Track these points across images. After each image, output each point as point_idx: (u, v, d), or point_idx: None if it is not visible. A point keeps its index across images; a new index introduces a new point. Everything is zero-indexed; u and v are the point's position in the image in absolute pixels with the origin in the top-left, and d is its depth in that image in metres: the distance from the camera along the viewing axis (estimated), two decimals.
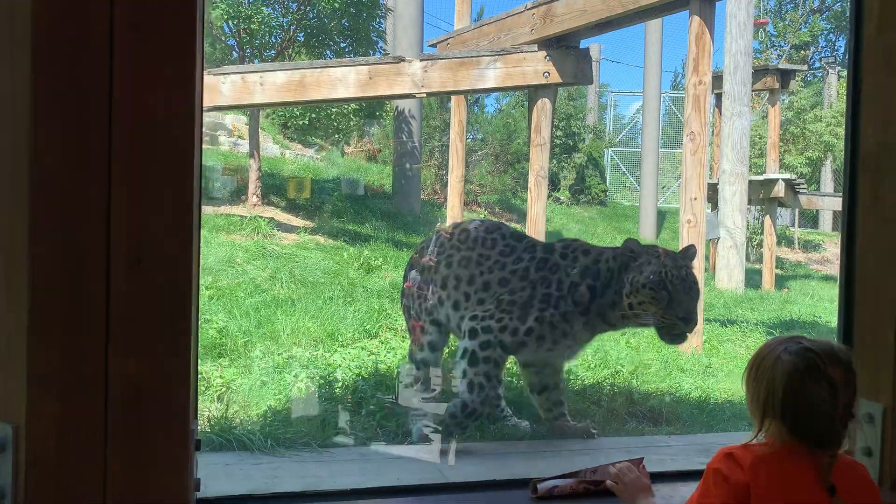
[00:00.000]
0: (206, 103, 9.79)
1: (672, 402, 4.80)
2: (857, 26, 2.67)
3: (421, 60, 9.40)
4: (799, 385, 1.64)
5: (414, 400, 4.14)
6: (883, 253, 2.63)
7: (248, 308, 6.39)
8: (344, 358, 5.20)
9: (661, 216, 17.95)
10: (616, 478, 2.26)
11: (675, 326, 3.64)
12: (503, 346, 3.70)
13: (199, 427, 3.53)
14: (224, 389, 4.36)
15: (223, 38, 11.44)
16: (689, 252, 3.93)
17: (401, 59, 9.41)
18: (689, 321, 3.60)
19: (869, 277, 2.71)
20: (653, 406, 4.56)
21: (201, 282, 6.14)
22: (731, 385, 5.66)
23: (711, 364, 6.28)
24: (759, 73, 14.94)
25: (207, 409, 3.90)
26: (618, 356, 6.17)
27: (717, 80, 13.00)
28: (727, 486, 1.65)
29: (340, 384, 4.37)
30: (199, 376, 4.65)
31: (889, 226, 2.60)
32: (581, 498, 2.63)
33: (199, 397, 4.30)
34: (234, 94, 9.63)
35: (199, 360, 5.15)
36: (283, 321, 6.18)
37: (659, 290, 3.59)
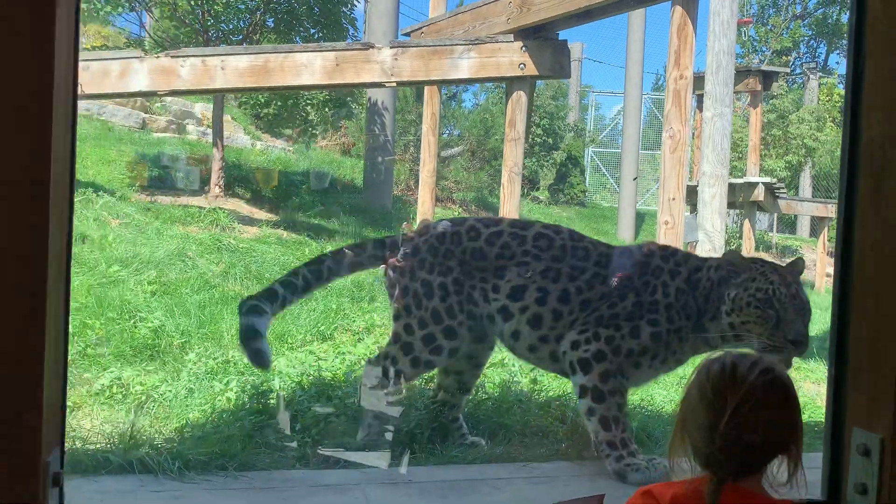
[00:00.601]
0: (164, 87, 9.30)
1: (643, 417, 4.40)
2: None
3: (391, 48, 8.95)
4: (694, 393, 1.50)
5: (378, 403, 3.71)
6: (885, 261, 2.24)
7: (191, 306, 5.91)
8: (289, 363, 4.75)
9: (640, 218, 17.66)
10: None
11: (782, 350, 3.21)
12: (622, 372, 3.30)
13: (77, 450, 3.09)
14: (143, 399, 3.90)
15: (187, 21, 10.92)
16: (798, 266, 3.52)
17: (370, 46, 8.95)
18: (799, 344, 3.20)
19: (868, 290, 2.32)
20: None
21: (143, 276, 5.57)
22: None
23: (686, 375, 5.89)
24: (741, 73, 14.69)
25: (118, 424, 3.44)
26: None
27: (699, 81, 12.70)
28: None
29: (275, 394, 3.92)
30: (118, 383, 4.19)
31: (892, 230, 2.21)
32: None
33: (114, 408, 3.85)
34: (194, 79, 9.11)
35: (123, 365, 4.71)
36: (228, 321, 5.71)
37: (766, 309, 3.23)
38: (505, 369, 4.93)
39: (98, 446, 2.95)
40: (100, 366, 4.52)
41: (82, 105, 12.49)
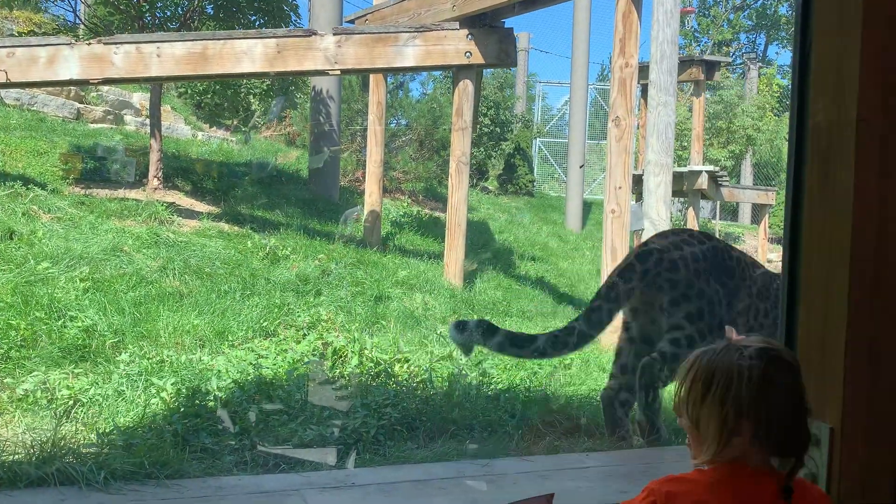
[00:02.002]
0: (96, 75, 8.91)
1: (591, 408, 4.35)
2: None
3: (334, 35, 8.73)
4: (769, 388, 1.50)
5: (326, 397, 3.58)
6: (833, 248, 2.21)
7: (126, 303, 5.65)
8: (228, 361, 4.56)
9: (588, 207, 17.77)
10: None
11: None
12: None
13: (14, 457, 2.89)
14: (70, 403, 3.67)
15: (122, 6, 10.48)
16: None
17: (312, 33, 8.72)
18: None
19: (816, 277, 2.29)
20: (571, 414, 4.10)
21: (75, 273, 5.29)
22: None
23: None
24: (684, 63, 14.85)
25: (41, 431, 3.22)
26: None
27: (644, 70, 12.77)
28: None
29: (213, 395, 3.73)
30: (43, 387, 3.95)
31: (840, 217, 2.17)
32: None
33: (37, 415, 3.62)
34: (128, 66, 8.76)
35: (50, 367, 4.46)
36: (165, 318, 5.49)
37: None
38: (453, 362, 4.83)
39: (16, 457, 2.74)
40: (24, 369, 4.27)
41: (11, 94, 11.92)
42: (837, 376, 2.11)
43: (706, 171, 14.43)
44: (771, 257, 16.86)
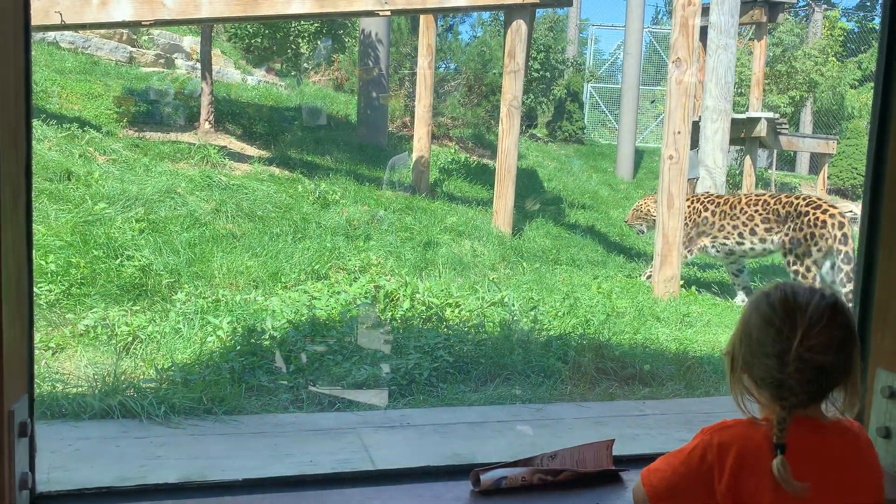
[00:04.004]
0: (148, 17, 8.90)
1: (647, 356, 4.27)
2: None
3: None
4: (757, 322, 1.41)
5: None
6: None
7: (181, 244, 5.72)
8: (282, 302, 4.59)
9: (639, 155, 17.36)
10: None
11: None
12: None
13: (57, 393, 2.94)
14: (130, 339, 3.74)
15: None
16: None
17: None
18: None
19: None
20: (626, 363, 4.03)
21: (131, 213, 5.35)
22: (710, 337, 5.17)
23: (690, 313, 5.78)
24: (746, 4, 14.18)
25: (102, 366, 3.28)
26: (588, 303, 5.65)
27: (704, 12, 12.26)
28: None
29: (268, 334, 3.76)
30: (103, 323, 4.03)
31: None
32: (536, 491, 2.08)
33: (98, 350, 3.69)
34: (179, 7, 8.72)
35: (109, 305, 4.55)
36: (219, 259, 5.54)
37: None
38: (505, 308, 4.79)
39: (80, 390, 2.80)
40: (85, 306, 4.36)
41: (66, 38, 12.03)
42: None
43: (765, 119, 13.90)
44: None
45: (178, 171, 8.22)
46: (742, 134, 13.95)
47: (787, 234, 6.53)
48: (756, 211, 6.79)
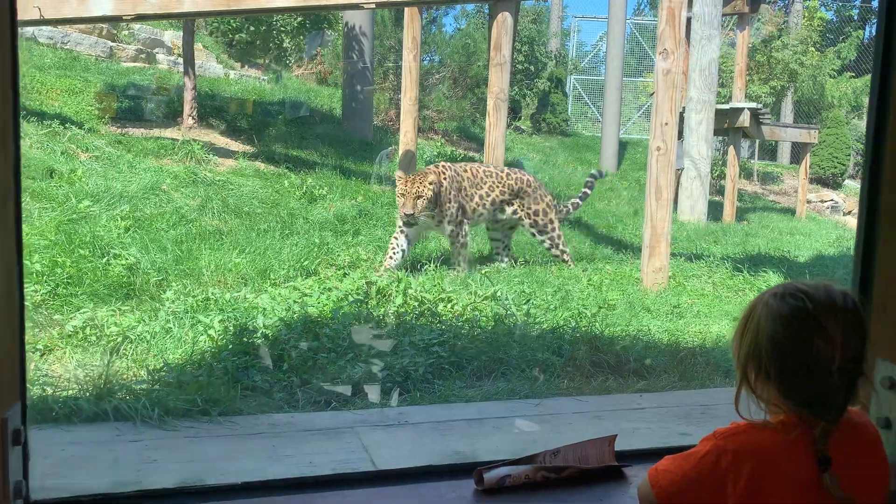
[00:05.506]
0: (129, 11, 8.77)
1: (640, 348, 4.27)
2: None
3: None
4: (786, 333, 1.33)
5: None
6: None
7: (168, 241, 5.65)
8: (272, 299, 4.54)
9: (623, 147, 17.40)
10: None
11: None
12: None
13: (48, 397, 2.88)
14: (119, 340, 3.68)
15: None
16: None
17: None
18: None
19: None
20: (620, 354, 4.03)
21: (116, 211, 5.27)
22: (700, 327, 5.18)
23: (680, 304, 5.79)
24: None
25: (92, 367, 3.23)
26: (580, 295, 5.64)
27: (687, 3, 12.27)
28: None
29: (260, 333, 3.72)
30: (91, 324, 3.97)
31: None
32: (540, 489, 2.07)
33: (87, 351, 3.64)
34: (160, 2, 8.58)
35: (97, 304, 4.48)
36: (207, 256, 5.48)
37: None
38: (497, 303, 4.77)
39: (70, 393, 2.75)
40: (72, 306, 4.29)
41: (44, 33, 11.85)
42: None
43: (748, 109, 13.96)
44: (810, 197, 16.41)
45: (162, 167, 8.13)
46: (725, 124, 14.01)
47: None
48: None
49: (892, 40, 2.14)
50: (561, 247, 7.41)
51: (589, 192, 8.30)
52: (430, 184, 6.45)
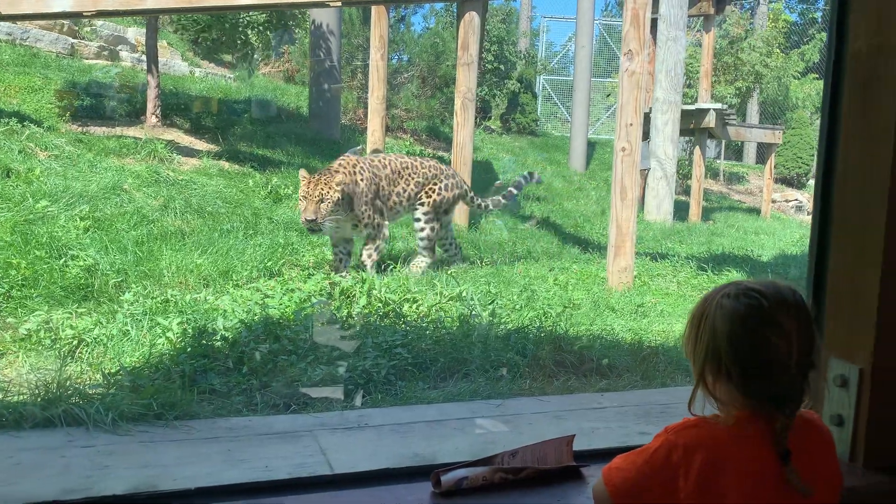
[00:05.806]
0: (89, 7, 8.61)
1: (603, 347, 4.29)
2: None
3: None
4: (745, 333, 1.35)
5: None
6: (869, 183, 2.09)
7: (128, 242, 5.55)
8: (234, 301, 4.49)
9: (592, 147, 17.52)
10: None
11: None
12: None
13: (19, 397, 2.84)
14: (75, 343, 3.60)
15: None
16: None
17: None
18: None
19: (850, 213, 2.19)
20: (583, 354, 4.04)
21: (75, 211, 5.17)
22: (664, 326, 5.22)
23: (644, 304, 5.83)
24: None
25: (45, 371, 3.16)
26: (545, 295, 5.66)
27: (653, 4, 12.39)
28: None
29: (220, 335, 3.67)
30: (46, 327, 3.88)
31: (879, 149, 2.05)
32: (497, 490, 2.06)
33: (41, 355, 3.56)
34: None
35: (53, 306, 4.38)
36: (168, 257, 5.39)
37: None
38: (463, 303, 4.76)
39: (21, 398, 2.68)
40: (26, 308, 4.19)
41: (3, 29, 11.58)
42: (869, 317, 2.02)
43: (714, 109, 14.15)
44: (775, 197, 16.69)
45: (124, 166, 7.99)
46: (692, 125, 14.18)
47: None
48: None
49: (843, 44, 2.17)
50: (424, 244, 6.70)
51: (516, 191, 7.83)
52: (338, 185, 5.75)
